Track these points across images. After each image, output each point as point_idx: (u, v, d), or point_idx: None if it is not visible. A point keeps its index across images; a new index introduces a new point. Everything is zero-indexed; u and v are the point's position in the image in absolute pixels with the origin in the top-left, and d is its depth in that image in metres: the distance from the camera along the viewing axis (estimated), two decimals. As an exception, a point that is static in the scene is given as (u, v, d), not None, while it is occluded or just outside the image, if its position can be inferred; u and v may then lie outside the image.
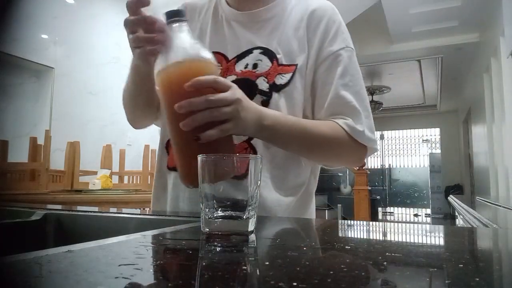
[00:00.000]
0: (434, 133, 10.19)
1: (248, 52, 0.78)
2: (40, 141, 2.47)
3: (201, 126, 0.57)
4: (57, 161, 2.70)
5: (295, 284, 0.25)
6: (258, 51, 0.78)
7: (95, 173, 2.73)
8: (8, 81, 3.03)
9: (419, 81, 7.20)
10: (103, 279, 0.27)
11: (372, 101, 7.90)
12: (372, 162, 10.72)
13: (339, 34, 0.78)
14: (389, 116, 9.93)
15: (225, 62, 0.80)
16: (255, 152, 0.75)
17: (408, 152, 10.56)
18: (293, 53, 0.77)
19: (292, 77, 0.75)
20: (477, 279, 0.28)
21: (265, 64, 0.76)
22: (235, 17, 0.82)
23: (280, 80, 0.75)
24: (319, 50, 0.77)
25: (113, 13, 3.65)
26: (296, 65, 0.76)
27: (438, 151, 9.86)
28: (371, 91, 7.78)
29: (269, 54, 0.77)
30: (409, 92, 8.12)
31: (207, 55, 0.61)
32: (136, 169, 2.88)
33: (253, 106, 0.65)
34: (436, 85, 7.32)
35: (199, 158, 0.46)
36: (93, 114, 3.33)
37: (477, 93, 5.51)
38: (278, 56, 0.77)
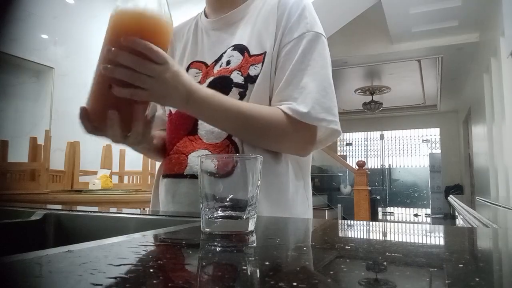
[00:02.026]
0: (434, 133, 10.19)
1: (223, 53, 0.81)
2: (40, 141, 2.47)
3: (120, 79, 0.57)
4: (57, 161, 2.70)
5: (295, 284, 0.25)
6: (231, 48, 0.80)
7: (95, 173, 2.73)
8: (8, 81, 3.03)
9: (419, 81, 7.19)
10: (103, 279, 0.27)
11: (372, 101, 7.90)
12: (372, 162, 10.72)
13: (302, 19, 0.77)
14: (389, 116, 9.93)
15: (204, 67, 0.83)
16: (236, 149, 0.76)
17: (408, 152, 10.56)
18: (262, 41, 0.78)
19: (262, 66, 0.76)
20: (477, 279, 0.28)
21: (237, 58, 0.78)
22: (212, 26, 0.87)
23: (254, 71, 0.76)
24: (282, 36, 0.77)
25: (113, 13, 3.64)
26: (265, 52, 0.77)
27: (438, 151, 9.86)
28: (371, 91, 7.77)
29: (239, 48, 0.79)
30: (409, 92, 8.11)
31: (161, 10, 0.60)
32: (136, 169, 2.88)
33: (184, 81, 0.63)
34: (436, 85, 7.32)
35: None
36: (93, 114, 3.32)
37: (477, 93, 5.51)
38: (250, 48, 0.78)
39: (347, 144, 11.02)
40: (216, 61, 0.82)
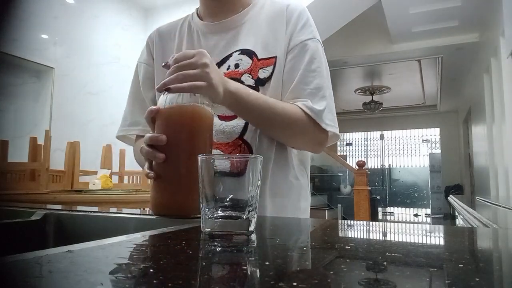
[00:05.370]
0: (434, 133, 10.19)
1: (228, 56, 0.82)
2: (40, 141, 2.47)
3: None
4: (57, 161, 2.70)
5: (295, 284, 0.25)
6: (237, 52, 0.82)
7: (95, 173, 2.73)
8: (9, 81, 3.03)
9: (419, 81, 7.19)
10: (103, 279, 0.27)
11: (372, 101, 7.90)
12: (372, 162, 10.72)
13: (308, 26, 0.83)
14: (389, 116, 9.93)
15: None
16: (249, 147, 0.77)
17: (408, 152, 10.55)
18: (270, 46, 0.81)
19: (274, 69, 0.79)
20: (477, 279, 0.28)
21: (246, 62, 0.81)
22: (210, 29, 0.87)
23: (263, 74, 0.79)
24: (289, 40, 0.81)
25: (113, 13, 3.65)
26: (276, 56, 0.80)
27: (438, 151, 9.85)
28: (371, 91, 7.77)
29: (247, 52, 0.81)
30: (409, 92, 8.11)
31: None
32: (136, 169, 2.88)
33: (219, 71, 0.67)
34: (436, 85, 7.32)
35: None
36: (93, 114, 3.32)
37: (477, 93, 5.51)
38: (257, 52, 0.81)
39: (347, 144, 11.02)
40: (219, 64, 0.82)
